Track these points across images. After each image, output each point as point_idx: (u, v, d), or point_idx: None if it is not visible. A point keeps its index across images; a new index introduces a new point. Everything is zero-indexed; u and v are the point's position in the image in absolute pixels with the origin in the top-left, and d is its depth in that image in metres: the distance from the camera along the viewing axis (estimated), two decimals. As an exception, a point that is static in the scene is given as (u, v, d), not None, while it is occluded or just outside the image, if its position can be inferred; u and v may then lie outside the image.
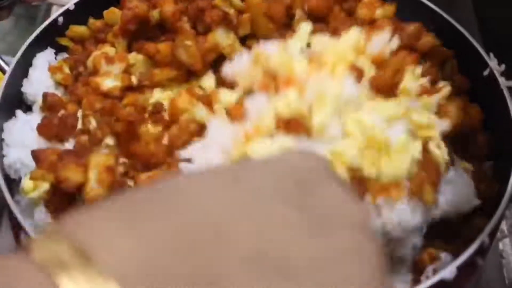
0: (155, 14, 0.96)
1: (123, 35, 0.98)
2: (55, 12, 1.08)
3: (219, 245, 0.29)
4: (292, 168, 0.36)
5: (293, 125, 0.80)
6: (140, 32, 0.97)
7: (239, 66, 0.90)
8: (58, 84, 0.98)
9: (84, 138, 0.86)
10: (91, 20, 1.03)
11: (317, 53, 0.87)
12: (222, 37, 0.93)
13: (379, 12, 0.99)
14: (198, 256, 0.28)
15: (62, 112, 0.92)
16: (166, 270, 0.27)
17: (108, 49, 0.97)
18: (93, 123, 0.86)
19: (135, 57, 0.95)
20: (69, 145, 0.87)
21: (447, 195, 0.83)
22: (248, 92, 0.87)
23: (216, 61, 0.94)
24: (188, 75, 0.95)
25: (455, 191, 0.84)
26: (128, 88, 0.93)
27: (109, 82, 0.91)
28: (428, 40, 0.99)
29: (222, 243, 0.29)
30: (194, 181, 0.34)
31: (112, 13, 1.01)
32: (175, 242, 0.29)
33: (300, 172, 0.35)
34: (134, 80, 0.93)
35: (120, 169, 0.79)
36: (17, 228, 0.80)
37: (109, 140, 0.84)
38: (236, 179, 0.34)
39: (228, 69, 0.91)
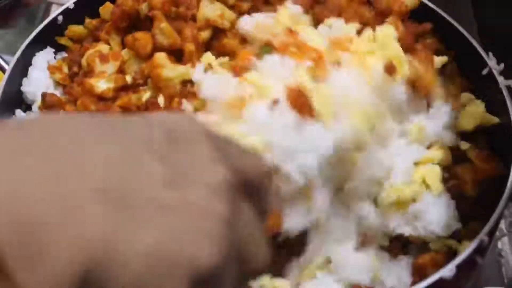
0: (144, 7, 0.96)
1: (116, 31, 0.99)
2: (55, 11, 1.08)
3: (78, 179, 0.32)
4: (168, 124, 0.38)
5: (301, 102, 0.77)
6: (133, 27, 0.98)
7: (259, 20, 0.90)
8: (57, 83, 0.98)
9: None
10: (87, 20, 1.04)
11: (340, 38, 0.86)
12: (209, 10, 0.93)
13: None
14: (59, 187, 0.31)
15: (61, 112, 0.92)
16: (32, 197, 0.31)
17: (102, 47, 0.97)
18: None
19: (128, 53, 0.95)
20: None
21: (426, 221, 0.83)
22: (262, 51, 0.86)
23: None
24: (178, 62, 0.94)
25: (434, 217, 0.83)
26: (123, 88, 0.93)
27: (102, 84, 0.91)
28: (431, 42, 1.00)
29: (80, 177, 0.32)
30: (73, 122, 0.36)
31: (107, 9, 1.02)
32: (41, 173, 0.32)
33: (175, 129, 0.38)
34: (128, 79, 0.93)
35: None
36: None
37: None
38: (110, 125, 0.36)
39: (246, 23, 0.90)
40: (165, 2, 0.95)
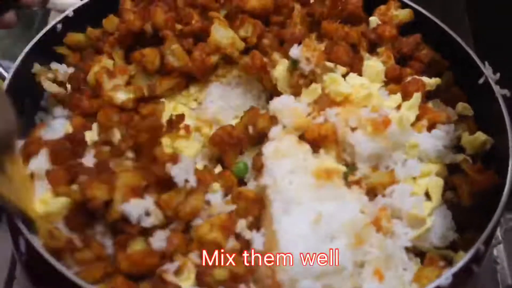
0: (149, 26, 0.97)
1: (119, 45, 1.00)
2: (53, 19, 1.08)
3: None
4: None
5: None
6: (137, 43, 0.99)
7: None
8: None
9: (106, 149, 0.86)
10: (89, 29, 1.04)
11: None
12: (221, 36, 0.95)
13: (396, 13, 1.04)
14: None
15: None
16: None
17: (106, 62, 0.98)
18: (117, 135, 0.87)
19: (135, 68, 0.96)
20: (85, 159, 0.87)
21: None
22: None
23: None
24: (187, 81, 0.97)
25: (433, 228, 0.85)
26: (140, 99, 0.95)
27: (121, 95, 0.92)
28: (427, 52, 1.01)
29: None
30: None
31: (111, 21, 1.02)
32: None
33: None
34: (145, 91, 0.95)
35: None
36: (16, 234, 0.80)
37: (130, 154, 0.85)
38: None
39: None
40: (168, 20, 0.96)
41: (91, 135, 0.90)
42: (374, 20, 1.04)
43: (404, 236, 0.84)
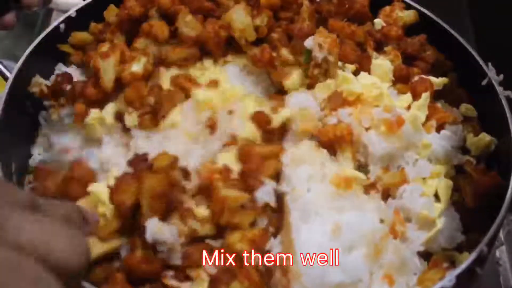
0: (154, 11, 0.98)
1: (121, 31, 1.00)
2: (56, 19, 1.07)
3: None
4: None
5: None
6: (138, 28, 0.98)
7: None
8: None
9: (147, 117, 0.88)
10: (93, 24, 1.04)
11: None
12: (236, 18, 0.94)
13: (401, 14, 1.05)
14: None
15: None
16: None
17: (103, 48, 0.97)
18: (151, 101, 0.88)
19: (144, 42, 0.96)
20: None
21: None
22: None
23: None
24: (201, 54, 0.97)
25: (442, 230, 0.85)
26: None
27: (136, 67, 0.92)
28: (432, 53, 1.02)
29: None
30: None
31: (112, 11, 1.03)
32: None
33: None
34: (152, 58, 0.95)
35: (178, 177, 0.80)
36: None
37: (176, 116, 0.87)
38: None
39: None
40: (174, 1, 0.97)
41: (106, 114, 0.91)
42: (378, 22, 1.04)
43: (417, 240, 0.83)
